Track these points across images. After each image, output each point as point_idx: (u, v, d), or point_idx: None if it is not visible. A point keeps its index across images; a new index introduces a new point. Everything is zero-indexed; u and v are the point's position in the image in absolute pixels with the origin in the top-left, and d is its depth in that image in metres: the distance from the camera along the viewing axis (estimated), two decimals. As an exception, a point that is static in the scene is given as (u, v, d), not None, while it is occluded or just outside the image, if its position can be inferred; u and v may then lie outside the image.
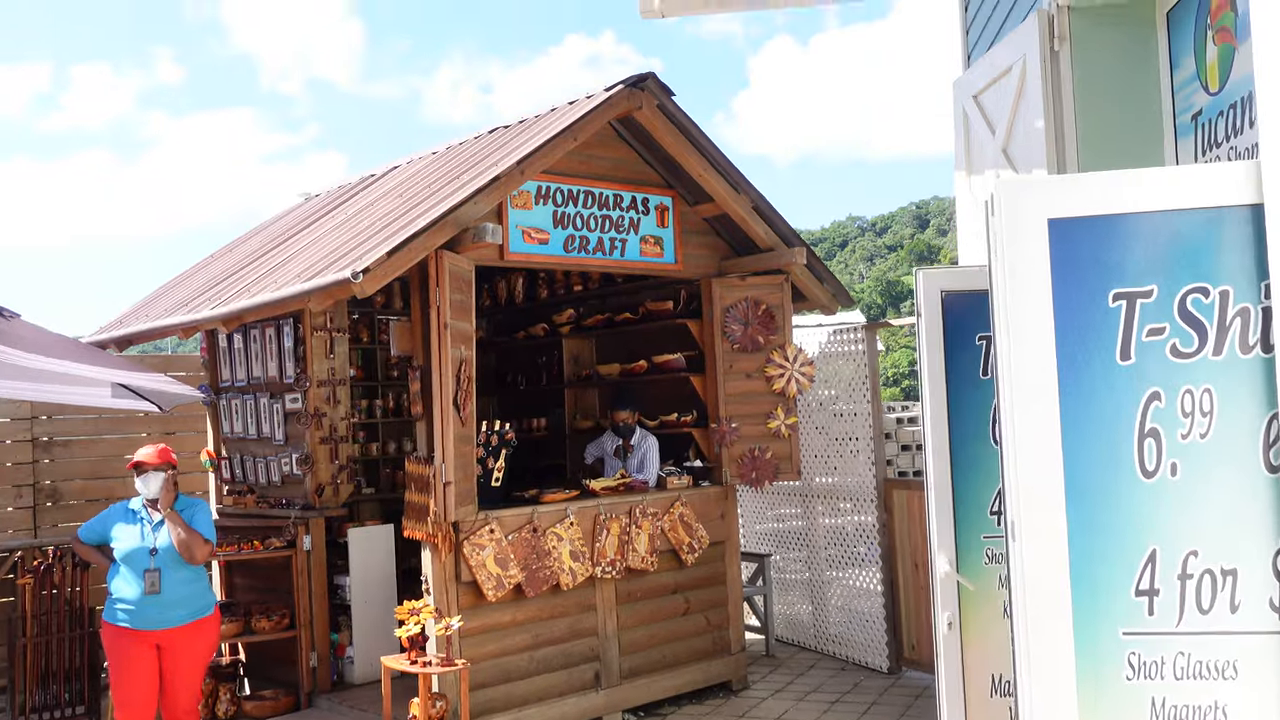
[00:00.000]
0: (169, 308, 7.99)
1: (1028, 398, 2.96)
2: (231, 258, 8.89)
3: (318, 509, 7.65)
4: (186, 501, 6.04)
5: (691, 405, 8.30)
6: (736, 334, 7.93)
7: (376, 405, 9.46)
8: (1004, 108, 5.48)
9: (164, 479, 5.87)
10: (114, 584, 5.90)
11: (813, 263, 8.01)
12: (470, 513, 6.49)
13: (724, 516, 7.99)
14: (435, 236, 6.15)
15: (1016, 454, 2.94)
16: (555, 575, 6.92)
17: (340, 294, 5.95)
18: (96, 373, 6.71)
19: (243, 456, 8.34)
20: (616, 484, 7.54)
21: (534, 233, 7.04)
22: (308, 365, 7.67)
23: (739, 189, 7.67)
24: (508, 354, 10.20)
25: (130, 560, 5.85)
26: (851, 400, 8.56)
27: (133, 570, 5.83)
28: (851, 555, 8.71)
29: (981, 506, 4.96)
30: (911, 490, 7.99)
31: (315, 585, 7.56)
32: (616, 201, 7.48)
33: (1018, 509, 2.94)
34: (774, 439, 7.95)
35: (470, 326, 6.56)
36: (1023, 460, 2.96)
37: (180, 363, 9.85)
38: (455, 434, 6.24)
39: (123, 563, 5.87)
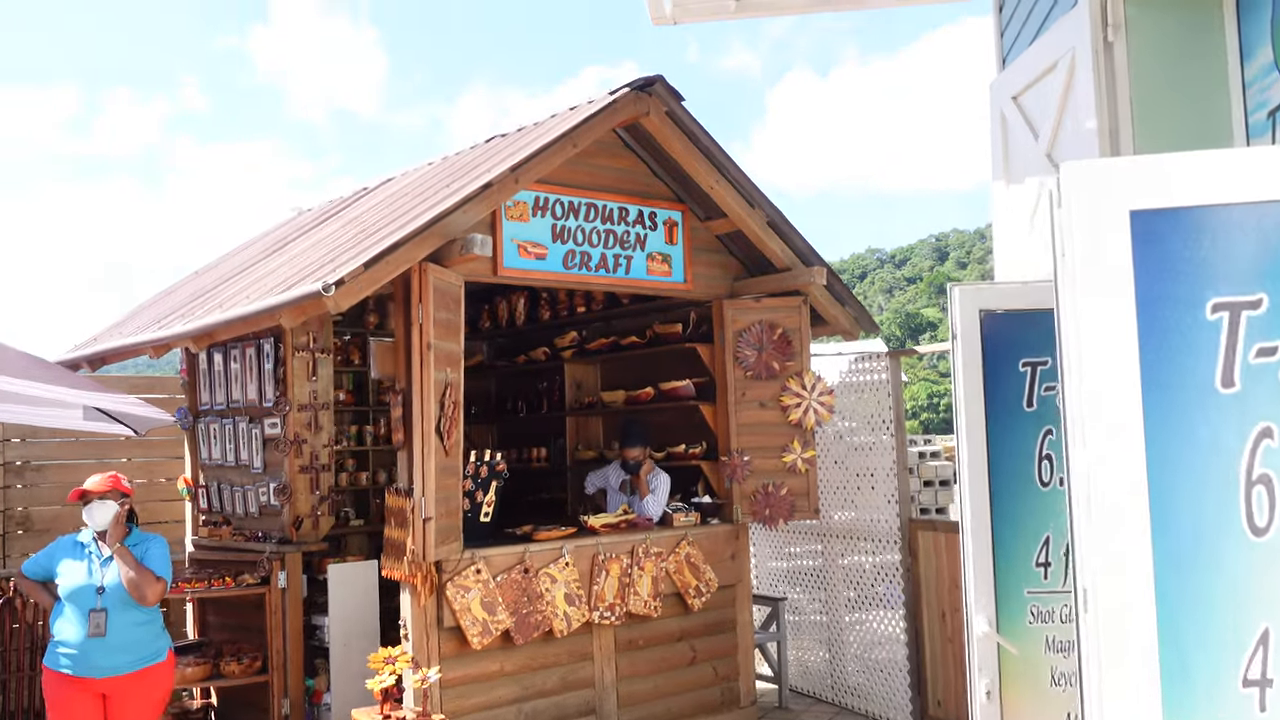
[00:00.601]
0: (142, 325, 7.47)
1: (1103, 434, 2.37)
2: (214, 273, 8.39)
3: (295, 543, 7.08)
4: (140, 536, 5.48)
5: (701, 436, 7.70)
6: (750, 360, 7.34)
7: (367, 431, 8.90)
8: (1048, 108, 4.91)
9: (113, 510, 5.31)
10: (56, 625, 5.33)
11: (833, 283, 7.44)
12: (454, 551, 5.91)
13: (735, 557, 7.38)
14: (418, 248, 5.61)
15: (1089, 505, 2.35)
16: (548, 621, 6.32)
17: (313, 309, 5.41)
18: (60, 394, 6.21)
19: (220, 485, 7.79)
20: (618, 520, 6.94)
21: (531, 247, 6.49)
22: (288, 388, 7.13)
23: (753, 203, 7.11)
24: (507, 379, 9.65)
25: (75, 599, 5.28)
26: (872, 432, 7.96)
27: (77, 610, 5.27)
28: (871, 597, 8.08)
29: (1025, 557, 4.37)
30: (938, 532, 7.36)
31: (290, 625, 6.98)
32: (621, 215, 6.93)
33: (1091, 575, 2.34)
34: (790, 474, 7.35)
35: (458, 347, 6.01)
36: (1097, 512, 2.36)
37: (163, 384, 9.33)
38: (438, 464, 5.67)
39: (67, 601, 5.31)
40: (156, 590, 5.31)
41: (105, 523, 5.31)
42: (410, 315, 5.67)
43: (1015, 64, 5.42)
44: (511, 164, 5.97)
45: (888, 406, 7.73)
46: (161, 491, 9.32)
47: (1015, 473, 4.35)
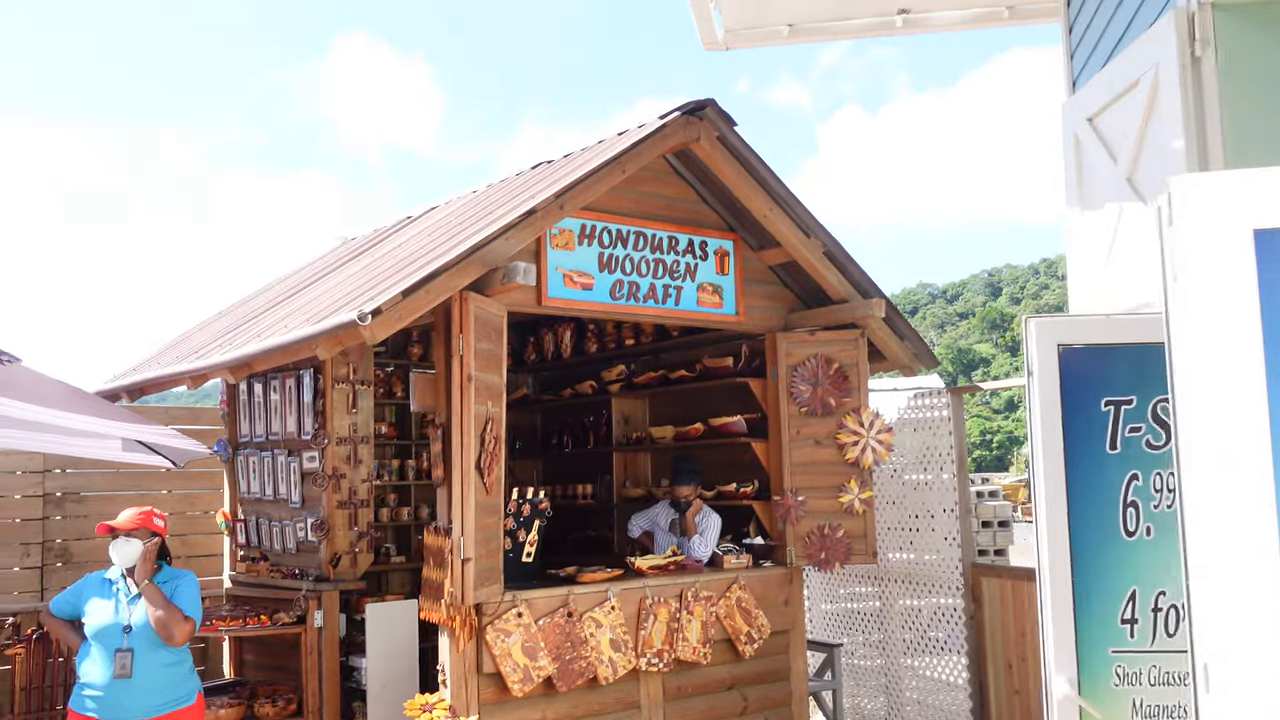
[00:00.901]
0: (180, 355, 7.33)
1: (1223, 483, 2.06)
2: (254, 303, 8.25)
3: (332, 581, 6.86)
4: (171, 573, 5.27)
5: (752, 474, 7.40)
6: (804, 395, 7.04)
7: (409, 466, 8.69)
8: (1128, 129, 4.59)
9: (138, 548, 5.12)
10: (82, 666, 5.13)
11: (892, 317, 7.12)
12: (494, 594, 5.65)
13: (788, 602, 7.05)
14: (459, 276, 5.39)
15: (1211, 563, 2.03)
16: (592, 667, 6.03)
17: (348, 339, 5.20)
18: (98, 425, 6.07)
19: (259, 519, 7.60)
20: (666, 562, 6.65)
21: (577, 276, 6.25)
22: (327, 420, 6.93)
23: (809, 232, 6.83)
24: (553, 413, 9.40)
25: (101, 638, 5.08)
26: (931, 471, 7.60)
27: (103, 650, 5.07)
28: (930, 643, 7.70)
29: (1109, 613, 4.04)
30: (1004, 579, 6.98)
31: (326, 666, 6.75)
32: (671, 244, 6.68)
33: (1212, 646, 2.03)
34: (846, 515, 7.01)
35: (499, 380, 5.77)
36: (1215, 574, 2.05)
37: (203, 416, 9.20)
38: (478, 502, 5.43)
39: (93, 641, 5.11)
40: (185, 630, 5.10)
41: (130, 560, 5.12)
42: (450, 346, 5.44)
43: (1090, 84, 5.11)
44: (557, 189, 5.75)
45: (949, 445, 7.38)
46: (201, 525, 9.17)
47: (1097, 521, 4.03)
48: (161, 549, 5.27)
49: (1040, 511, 4.01)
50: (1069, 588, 4.02)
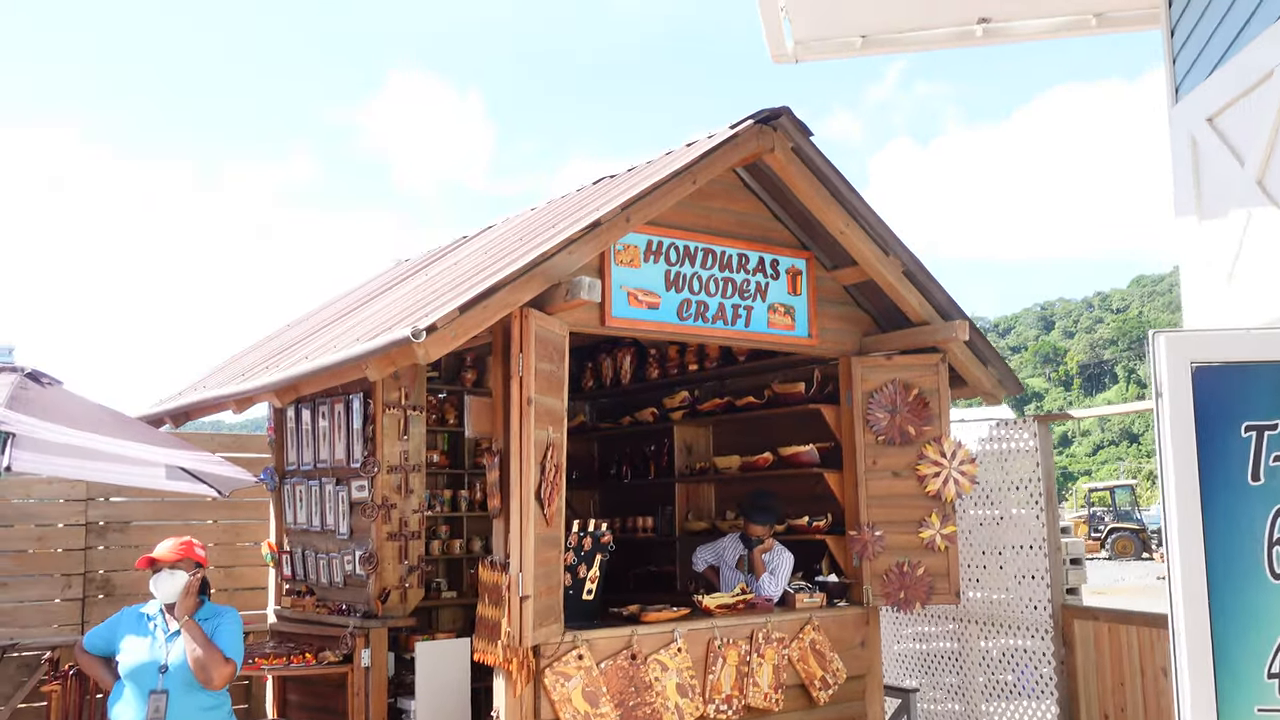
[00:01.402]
0: (226, 378, 7.05)
1: None
2: (305, 325, 7.97)
3: (380, 617, 6.50)
4: (212, 609, 4.93)
5: (825, 507, 6.95)
6: (881, 424, 6.60)
7: (462, 496, 8.34)
8: (1260, 127, 4.16)
9: (182, 581, 4.78)
10: (114, 709, 4.79)
11: (975, 340, 6.68)
12: (554, 634, 5.25)
13: (865, 644, 6.58)
14: (520, 291, 5.04)
15: None
16: (658, 715, 5.60)
17: (402, 358, 4.86)
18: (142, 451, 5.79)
19: (305, 551, 7.27)
20: (735, 601, 6.22)
21: (642, 295, 5.89)
22: (377, 447, 6.61)
23: (888, 250, 6.42)
24: (612, 442, 9.00)
25: (135, 678, 4.75)
26: (1011, 505, 7.12)
27: (137, 691, 4.74)
28: (1013, 688, 7.18)
29: (1253, 666, 3.59)
30: (1100, 621, 6.47)
31: (374, 708, 6.37)
32: (741, 263, 6.30)
33: None
34: (927, 551, 6.55)
35: (561, 404, 5.40)
36: None
37: (250, 443, 8.92)
38: (537, 535, 5.05)
39: (127, 680, 4.78)
40: (224, 673, 4.75)
41: (173, 595, 4.79)
42: (510, 367, 5.08)
43: (1209, 82, 4.68)
44: (623, 200, 5.39)
45: (1036, 477, 6.90)
46: (247, 556, 8.86)
47: (1239, 562, 3.59)
48: (202, 583, 4.93)
49: (1173, 551, 3.56)
50: (1208, 636, 3.56)
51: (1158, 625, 6.03)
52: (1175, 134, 4.86)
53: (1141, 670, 6.11)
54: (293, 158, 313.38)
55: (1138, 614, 6.28)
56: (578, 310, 5.55)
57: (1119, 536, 32.33)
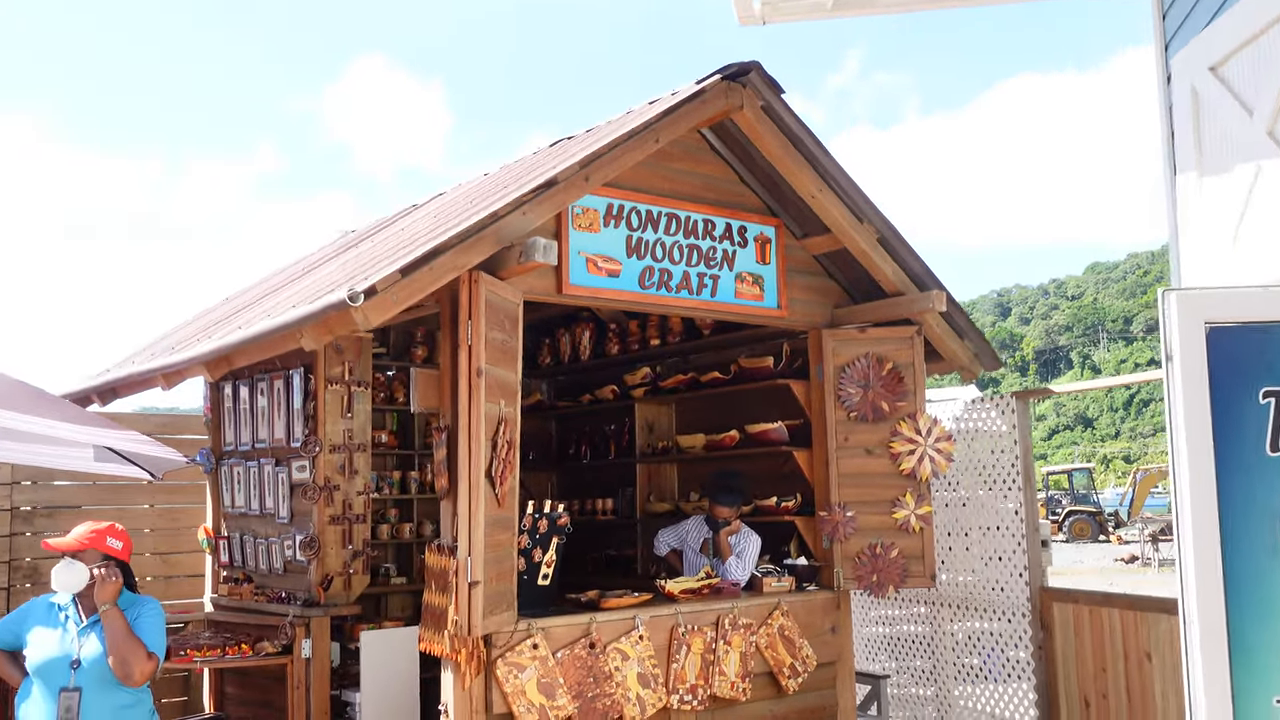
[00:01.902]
0: (157, 352, 6.59)
1: None
2: (245, 297, 7.51)
3: (323, 605, 6.11)
4: (130, 599, 4.50)
5: (794, 487, 6.63)
6: (854, 399, 6.27)
7: (411, 478, 7.93)
8: (1270, 74, 3.85)
9: (83, 577, 4.31)
10: (21, 708, 4.36)
11: (952, 312, 6.37)
12: (506, 622, 4.89)
13: (835, 630, 6.27)
14: (468, 253, 4.65)
15: None
16: (618, 706, 5.26)
17: (338, 325, 4.46)
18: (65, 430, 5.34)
19: (243, 536, 6.85)
20: (699, 586, 5.88)
21: (602, 261, 5.51)
22: (319, 425, 6.19)
23: (861, 216, 6.09)
24: (570, 421, 8.62)
25: (44, 674, 4.30)
26: (989, 486, 6.83)
27: (46, 688, 4.29)
28: (985, 671, 6.91)
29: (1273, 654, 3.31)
30: (1080, 604, 6.19)
31: (315, 701, 5.99)
32: (707, 229, 5.94)
33: None
34: (901, 532, 6.24)
35: (514, 377, 5.02)
36: None
37: (186, 424, 8.45)
38: (488, 516, 4.67)
39: (35, 677, 4.33)
40: (146, 669, 4.32)
41: (72, 589, 4.32)
42: (458, 335, 4.69)
43: (1211, 30, 4.36)
44: (581, 158, 5.01)
45: (1013, 456, 6.61)
46: (185, 542, 8.40)
47: (1256, 540, 3.30)
48: (124, 572, 4.49)
49: (1184, 528, 3.25)
50: (1223, 622, 3.27)
51: (1141, 608, 5.77)
52: (1177, 85, 4.55)
53: (1125, 654, 5.85)
54: (256, 149, 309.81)
55: (1120, 596, 6.01)
56: (532, 276, 5.18)
57: (1076, 519, 32.44)
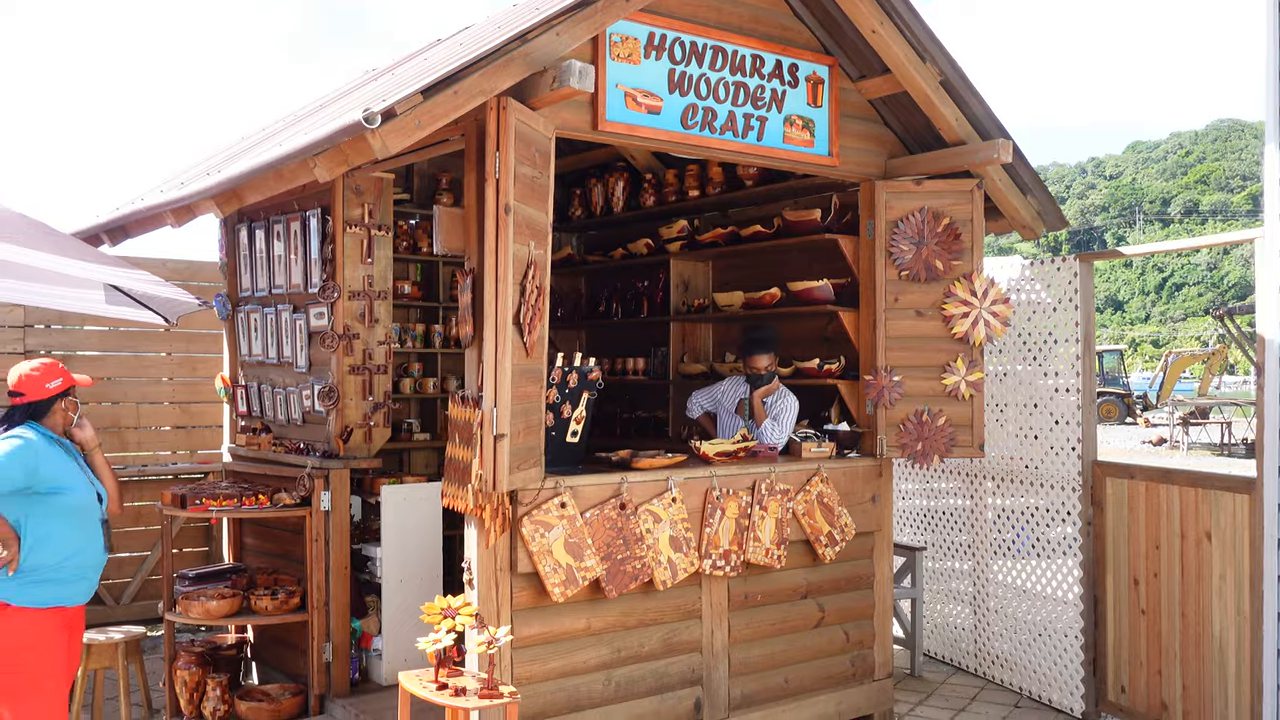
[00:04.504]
0: (166, 188, 6.23)
1: None
2: (260, 134, 7.11)
3: (342, 458, 5.86)
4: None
5: (838, 351, 6.29)
6: (906, 257, 5.87)
7: (436, 331, 7.63)
8: None
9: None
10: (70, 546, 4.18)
11: (1017, 164, 5.90)
12: (533, 479, 4.61)
13: (876, 499, 5.99)
14: (496, 77, 4.22)
15: None
16: (648, 569, 5.02)
17: (355, 153, 4.07)
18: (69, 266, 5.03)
19: (261, 385, 6.59)
20: (735, 449, 5.58)
21: (641, 96, 5.06)
22: (337, 270, 5.86)
23: (925, 55, 5.58)
24: (600, 277, 8.23)
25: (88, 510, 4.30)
26: (1041, 353, 6.46)
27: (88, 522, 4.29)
28: (1017, 546, 6.66)
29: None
30: (1136, 481, 5.87)
31: (335, 556, 5.79)
32: (755, 65, 5.46)
33: None
34: (949, 400, 5.90)
35: (545, 217, 4.64)
36: None
37: (205, 271, 8.15)
38: (515, 366, 4.35)
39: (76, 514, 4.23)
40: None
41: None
42: (484, 169, 4.30)
43: None
44: (623, -25, 4.52)
45: (1073, 322, 6.20)
46: (204, 392, 8.21)
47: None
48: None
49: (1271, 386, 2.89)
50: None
51: (1204, 485, 5.43)
52: None
53: (1181, 534, 5.55)
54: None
55: (1181, 472, 5.68)
56: (565, 110, 4.75)
57: (1104, 401, 32.07)
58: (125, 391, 8.06)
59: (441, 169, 7.66)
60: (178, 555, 7.68)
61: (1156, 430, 27.57)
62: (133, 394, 8.10)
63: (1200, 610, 5.46)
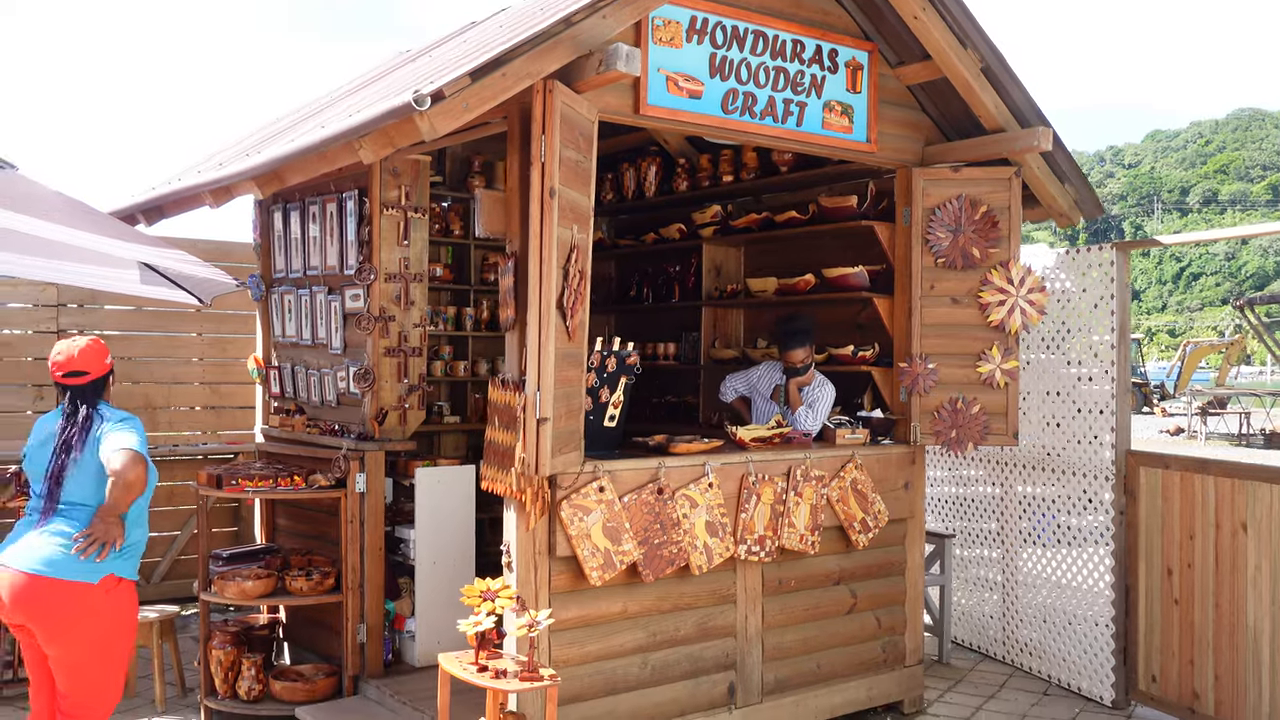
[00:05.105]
0: (204, 168, 6.25)
1: None
2: (297, 115, 7.11)
3: (377, 440, 5.89)
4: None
5: (871, 337, 6.28)
6: (943, 244, 5.85)
7: (467, 315, 7.64)
8: None
9: None
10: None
11: (1055, 152, 5.87)
12: (573, 463, 4.62)
13: (909, 486, 5.99)
14: (542, 60, 4.22)
15: None
16: (684, 554, 5.04)
17: (401, 136, 4.07)
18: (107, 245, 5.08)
19: (294, 367, 6.61)
20: (770, 434, 5.59)
21: (683, 81, 5.05)
22: (374, 252, 5.87)
23: (966, 41, 5.55)
24: (631, 261, 8.21)
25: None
26: (1074, 341, 6.44)
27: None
28: (1060, 536, 6.65)
29: None
30: (1171, 470, 5.86)
31: (369, 538, 5.82)
32: (796, 50, 5.44)
33: None
34: (984, 388, 5.89)
35: (588, 201, 4.65)
36: None
37: (237, 251, 8.18)
38: (558, 350, 4.35)
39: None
40: None
41: None
42: (530, 152, 4.29)
43: None
44: (668, -42, 4.51)
45: (1108, 311, 6.18)
46: (235, 373, 8.26)
47: None
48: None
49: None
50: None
51: (1241, 475, 5.42)
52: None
53: (1216, 524, 5.53)
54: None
55: (1217, 463, 5.66)
56: (608, 94, 4.74)
57: (1123, 390, 32.00)
58: (155, 371, 8.11)
59: (475, 151, 7.66)
60: (211, 535, 7.72)
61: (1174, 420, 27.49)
62: (162, 374, 8.14)
63: (1235, 601, 5.46)
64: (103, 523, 3.99)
